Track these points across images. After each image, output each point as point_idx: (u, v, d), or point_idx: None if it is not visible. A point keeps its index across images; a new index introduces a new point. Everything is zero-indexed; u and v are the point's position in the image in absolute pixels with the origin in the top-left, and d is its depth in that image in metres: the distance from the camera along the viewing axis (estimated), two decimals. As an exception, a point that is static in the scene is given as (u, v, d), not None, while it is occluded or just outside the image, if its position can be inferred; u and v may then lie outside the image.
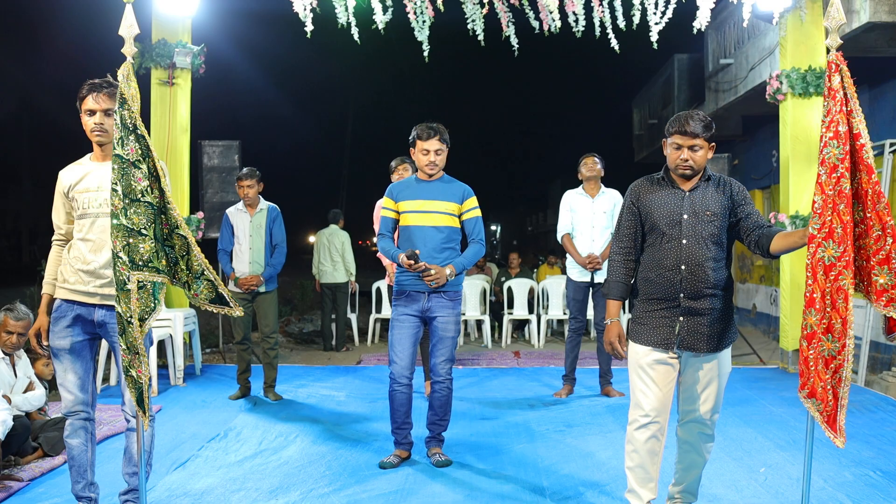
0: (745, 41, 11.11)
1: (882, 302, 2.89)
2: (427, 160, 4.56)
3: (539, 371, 7.93)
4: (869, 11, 7.43)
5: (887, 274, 2.85)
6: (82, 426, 3.56)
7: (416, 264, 4.40)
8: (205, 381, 7.35)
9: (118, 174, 3.10)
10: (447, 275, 4.47)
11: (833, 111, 2.84)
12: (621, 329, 3.55)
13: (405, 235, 4.61)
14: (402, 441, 4.76)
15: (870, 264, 2.90)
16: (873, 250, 2.88)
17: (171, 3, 7.66)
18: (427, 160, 4.56)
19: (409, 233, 4.58)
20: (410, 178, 4.75)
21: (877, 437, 5.21)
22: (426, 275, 4.43)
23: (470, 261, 4.61)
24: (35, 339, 3.63)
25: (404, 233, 4.62)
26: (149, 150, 3.14)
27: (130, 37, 3.18)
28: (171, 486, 4.30)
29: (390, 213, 4.68)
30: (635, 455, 3.47)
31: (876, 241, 2.87)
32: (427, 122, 4.60)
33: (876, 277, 2.88)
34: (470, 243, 4.69)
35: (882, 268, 2.86)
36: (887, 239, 2.85)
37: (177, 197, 7.78)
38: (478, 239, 4.66)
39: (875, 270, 2.87)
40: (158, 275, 3.14)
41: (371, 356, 9.17)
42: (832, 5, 2.91)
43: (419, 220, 4.57)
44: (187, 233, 3.20)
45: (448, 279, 4.49)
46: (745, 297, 13.20)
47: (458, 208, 4.62)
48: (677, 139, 3.35)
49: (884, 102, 8.93)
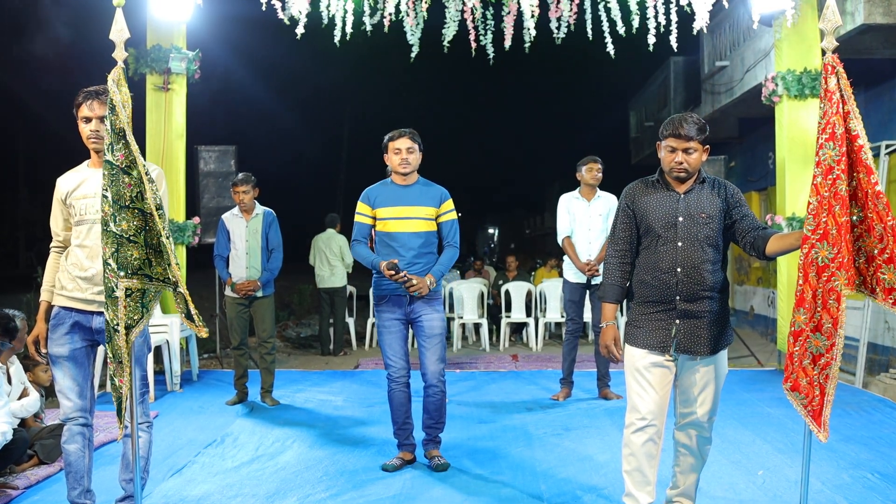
0: (740, 43, 11.13)
1: (890, 301, 2.89)
2: (399, 159, 4.57)
3: (537, 374, 7.92)
4: (863, 13, 7.45)
5: (893, 272, 2.85)
6: (80, 432, 3.54)
7: (397, 274, 4.41)
8: (202, 386, 7.33)
9: (108, 180, 3.08)
10: (428, 284, 4.51)
11: (829, 113, 2.84)
12: (617, 332, 3.54)
13: (384, 241, 4.59)
14: (405, 442, 4.75)
15: (874, 264, 2.91)
16: (878, 250, 2.88)
17: (166, 9, 7.65)
18: (399, 159, 4.57)
19: (389, 239, 4.57)
20: (386, 182, 4.73)
21: (874, 438, 5.20)
22: (409, 285, 4.45)
23: (446, 267, 4.64)
24: (33, 346, 3.63)
25: (383, 239, 4.60)
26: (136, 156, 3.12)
27: (121, 41, 3.16)
28: (167, 492, 4.28)
29: (366, 218, 4.65)
30: (632, 458, 3.46)
31: (879, 240, 2.87)
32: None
33: (883, 276, 2.88)
34: (445, 247, 4.69)
35: (889, 266, 2.86)
36: (889, 238, 2.85)
37: (173, 202, 7.77)
38: (453, 242, 4.69)
39: (882, 269, 2.87)
40: (151, 282, 3.13)
41: (369, 360, 9.16)
42: (827, 7, 2.91)
43: (398, 227, 4.56)
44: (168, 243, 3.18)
45: (430, 287, 4.52)
46: (742, 299, 13.21)
47: (436, 212, 4.64)
48: (671, 142, 3.35)
49: (879, 104, 8.95)
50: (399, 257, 4.51)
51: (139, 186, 3.10)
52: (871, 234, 2.90)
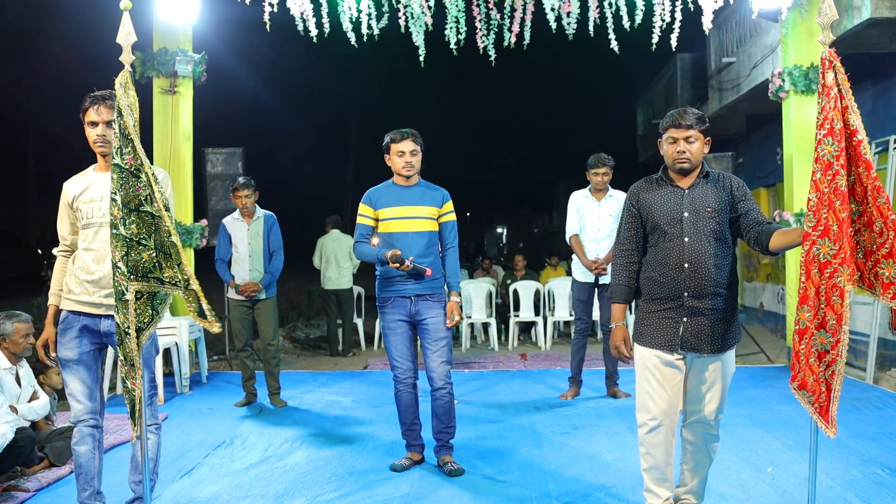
0: (747, 39, 11.09)
1: (889, 295, 2.88)
2: (403, 161, 4.56)
3: (545, 373, 7.91)
4: (870, 7, 7.40)
5: (893, 266, 2.84)
6: (90, 433, 3.57)
7: (404, 265, 4.40)
8: (211, 388, 7.36)
9: (117, 184, 3.10)
10: (458, 303, 4.60)
11: (827, 108, 2.84)
12: (626, 333, 3.54)
13: (387, 242, 4.58)
14: (413, 443, 4.76)
15: (872, 258, 2.90)
16: (877, 244, 2.87)
17: (172, 12, 7.68)
18: (403, 161, 4.56)
19: (392, 239, 4.56)
20: (388, 184, 4.73)
21: (885, 434, 5.18)
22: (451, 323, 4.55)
23: (458, 274, 4.69)
24: (42, 349, 3.65)
25: (387, 239, 4.60)
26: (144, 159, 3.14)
27: (128, 45, 3.17)
28: (177, 494, 4.30)
29: (368, 220, 4.65)
30: (649, 457, 3.48)
31: (879, 235, 2.86)
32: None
33: (882, 271, 2.87)
34: (448, 250, 4.69)
35: (888, 261, 2.85)
36: (890, 233, 2.84)
37: (180, 205, 7.80)
38: (454, 244, 4.70)
39: (882, 264, 2.87)
40: (162, 285, 3.14)
41: (377, 361, 9.17)
42: (824, 2, 2.90)
43: (401, 227, 4.56)
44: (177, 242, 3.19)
45: (459, 305, 4.62)
46: (752, 295, 13.16)
47: (438, 211, 4.64)
48: (672, 133, 3.36)
49: (887, 99, 8.89)
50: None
51: (148, 189, 3.12)
52: (870, 229, 2.89)
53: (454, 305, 4.57)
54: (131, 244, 3.10)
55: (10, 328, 4.75)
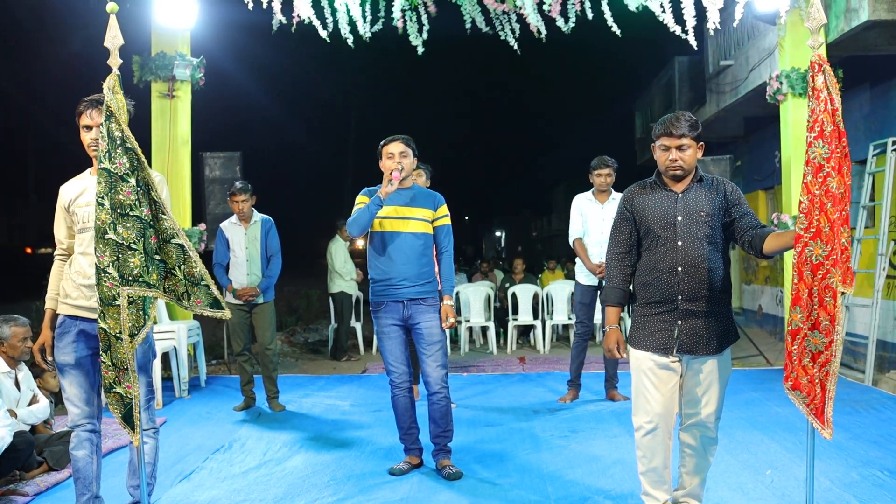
0: (744, 42, 11.10)
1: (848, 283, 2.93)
2: (393, 163, 4.56)
3: (544, 376, 7.91)
4: (868, 10, 7.40)
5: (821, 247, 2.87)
6: (88, 438, 3.56)
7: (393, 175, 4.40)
8: (209, 392, 7.35)
9: (105, 188, 3.08)
10: (451, 306, 4.62)
11: (817, 111, 2.86)
12: (620, 335, 3.55)
13: (382, 241, 4.55)
14: (411, 447, 4.76)
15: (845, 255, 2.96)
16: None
17: (171, 16, 7.70)
18: (393, 163, 4.56)
19: (388, 238, 4.54)
20: None
21: (884, 436, 5.18)
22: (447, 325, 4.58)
23: (453, 277, 4.70)
24: (39, 354, 3.64)
25: (382, 238, 4.56)
26: (139, 162, 3.13)
27: (115, 48, 3.17)
28: (175, 498, 4.30)
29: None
30: (646, 460, 3.49)
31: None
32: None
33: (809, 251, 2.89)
34: (443, 254, 4.68)
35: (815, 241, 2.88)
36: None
37: (179, 209, 7.80)
38: (448, 248, 4.70)
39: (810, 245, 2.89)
40: (150, 289, 3.13)
41: (376, 365, 9.16)
42: (812, 6, 2.92)
43: (397, 227, 4.56)
44: (185, 240, 3.19)
45: (453, 307, 4.64)
46: (750, 298, 13.16)
47: (433, 214, 4.65)
48: (664, 141, 3.36)
49: (887, 101, 8.89)
50: (400, 259, 4.51)
51: (136, 193, 3.10)
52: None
53: (448, 308, 4.59)
54: (122, 248, 3.08)
55: (7, 332, 4.75)
